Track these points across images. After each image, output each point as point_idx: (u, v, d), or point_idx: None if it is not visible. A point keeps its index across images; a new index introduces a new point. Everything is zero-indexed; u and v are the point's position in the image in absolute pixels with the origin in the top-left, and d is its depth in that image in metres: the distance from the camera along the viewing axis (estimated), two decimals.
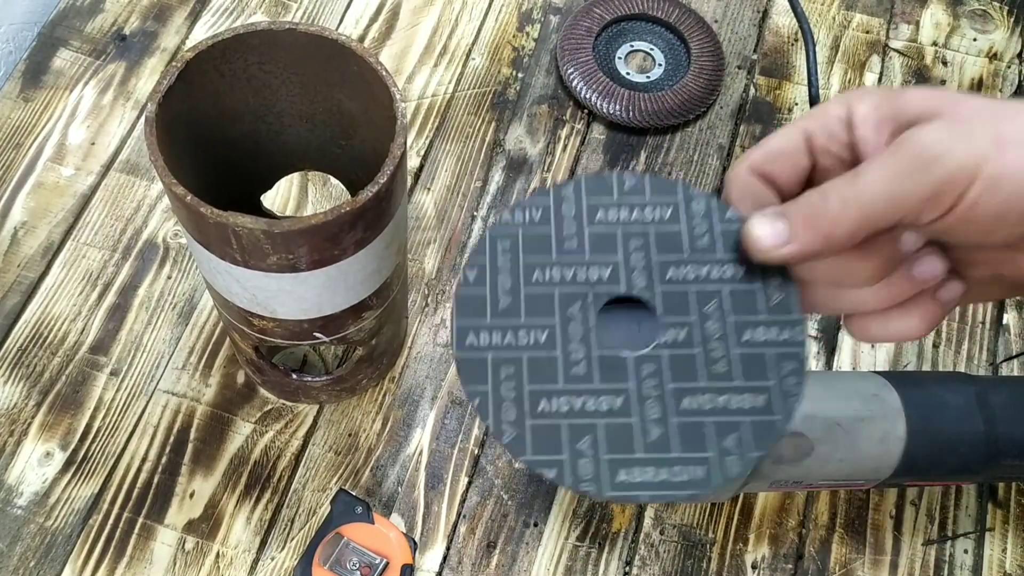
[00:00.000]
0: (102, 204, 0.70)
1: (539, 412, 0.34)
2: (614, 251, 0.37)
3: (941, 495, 0.64)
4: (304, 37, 0.48)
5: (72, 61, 0.76)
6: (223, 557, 0.60)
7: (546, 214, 0.37)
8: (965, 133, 0.31)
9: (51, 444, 0.62)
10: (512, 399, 0.34)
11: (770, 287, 0.36)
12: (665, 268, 0.37)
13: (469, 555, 0.61)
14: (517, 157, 0.75)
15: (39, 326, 0.66)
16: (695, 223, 0.37)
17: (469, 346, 0.35)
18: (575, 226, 0.37)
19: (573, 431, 0.34)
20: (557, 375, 0.35)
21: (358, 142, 0.55)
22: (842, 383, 0.55)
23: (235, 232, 0.43)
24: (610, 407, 0.35)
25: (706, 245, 0.37)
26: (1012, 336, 0.70)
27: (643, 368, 0.35)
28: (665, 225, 0.37)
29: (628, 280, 0.36)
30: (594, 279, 0.36)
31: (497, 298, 0.36)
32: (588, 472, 0.34)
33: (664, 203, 0.37)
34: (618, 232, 0.37)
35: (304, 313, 0.51)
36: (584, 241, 0.37)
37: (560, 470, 0.34)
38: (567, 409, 0.35)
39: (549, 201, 0.37)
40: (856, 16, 0.84)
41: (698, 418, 0.35)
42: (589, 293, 0.36)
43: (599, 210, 0.37)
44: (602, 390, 0.35)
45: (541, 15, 0.82)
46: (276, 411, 0.64)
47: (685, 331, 0.36)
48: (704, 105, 0.77)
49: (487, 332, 0.35)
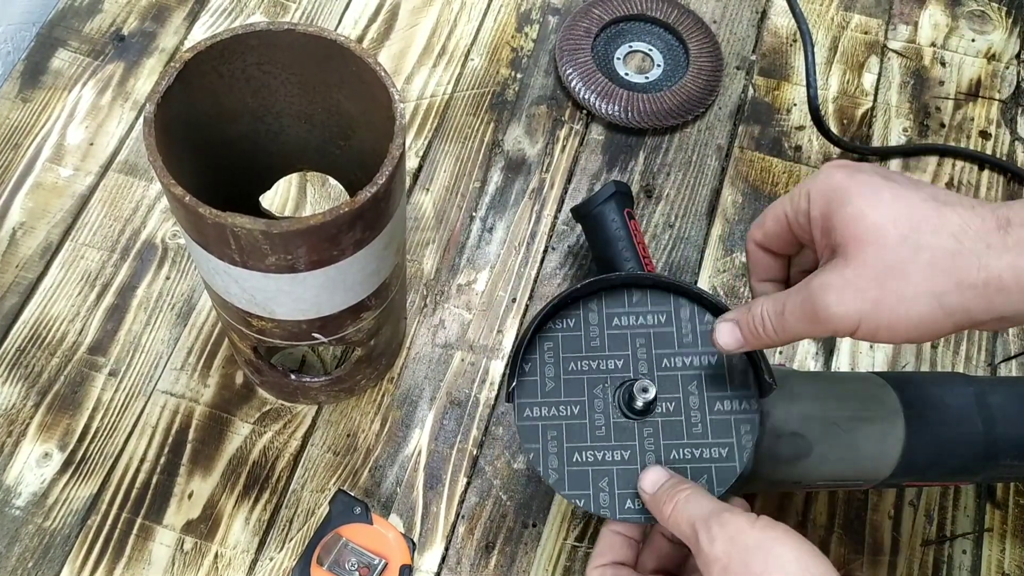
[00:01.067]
0: (101, 204, 0.70)
1: (573, 461, 0.49)
2: (626, 347, 0.51)
3: (940, 496, 0.64)
4: (303, 38, 0.48)
5: (71, 61, 0.76)
6: (222, 557, 0.59)
7: (578, 322, 0.51)
8: (853, 293, 0.40)
9: (49, 445, 0.62)
10: (555, 453, 0.49)
11: (734, 372, 0.50)
12: (661, 359, 0.50)
13: (468, 555, 0.61)
14: (516, 157, 0.75)
15: (38, 327, 0.65)
16: (682, 324, 0.51)
17: (526, 417, 0.50)
18: (598, 330, 0.51)
19: (596, 474, 0.48)
20: (586, 436, 0.49)
21: (357, 142, 0.55)
22: (841, 384, 0.55)
23: (234, 233, 0.43)
24: (621, 457, 0.49)
25: (690, 341, 0.51)
26: (1010, 337, 0.70)
27: (644, 430, 0.49)
28: (661, 327, 0.51)
29: (635, 368, 0.50)
30: (611, 368, 0.50)
31: (545, 383, 0.50)
32: (606, 502, 0.48)
33: (660, 311, 0.51)
34: (628, 333, 0.51)
35: (303, 314, 0.51)
36: (605, 340, 0.51)
37: (587, 500, 0.48)
38: (592, 459, 0.49)
39: (580, 313, 0.51)
40: (855, 17, 0.84)
41: (681, 464, 0.48)
42: (608, 378, 0.50)
43: (615, 318, 0.51)
44: (616, 446, 0.49)
45: (540, 16, 0.82)
46: (275, 411, 0.64)
47: (674, 404, 0.50)
48: (703, 106, 0.77)
49: (538, 407, 0.50)
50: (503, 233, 0.72)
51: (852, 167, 0.43)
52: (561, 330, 0.51)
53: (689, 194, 0.74)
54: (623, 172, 0.75)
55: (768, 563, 0.40)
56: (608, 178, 0.75)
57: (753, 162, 0.76)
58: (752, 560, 0.41)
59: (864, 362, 0.69)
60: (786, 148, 0.77)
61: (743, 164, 0.76)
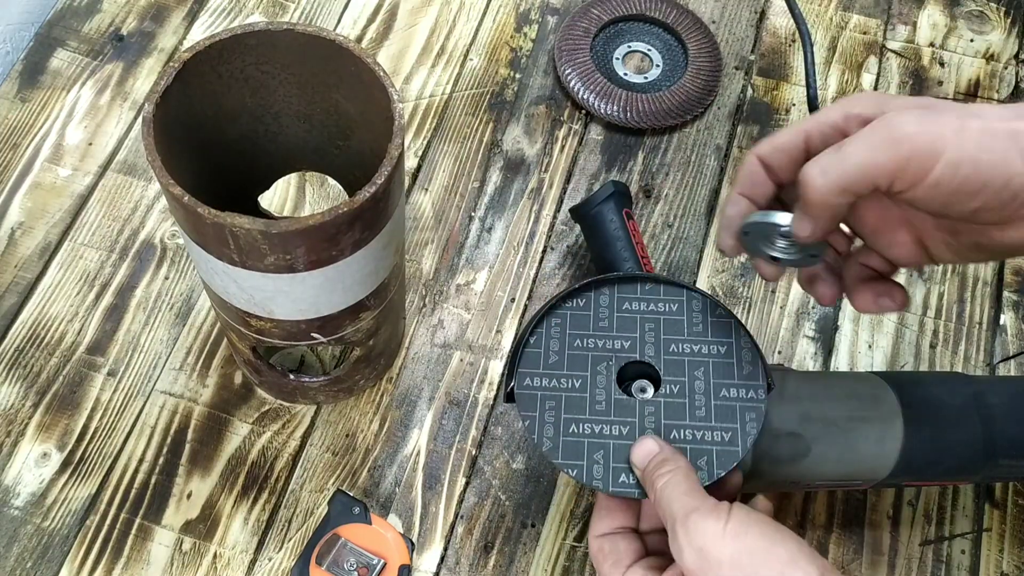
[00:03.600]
0: (99, 204, 0.70)
1: (569, 432, 0.48)
2: (634, 330, 0.51)
3: (938, 495, 0.64)
4: (302, 38, 0.48)
5: (69, 61, 0.76)
6: (220, 558, 0.59)
7: (588, 302, 0.51)
8: (934, 121, 0.37)
9: (48, 445, 0.62)
10: (551, 423, 0.48)
11: (743, 362, 0.50)
12: (669, 344, 0.50)
13: (467, 555, 0.61)
14: (515, 158, 0.75)
15: (36, 327, 0.65)
16: (694, 315, 0.51)
17: (525, 386, 0.49)
18: (608, 312, 0.51)
19: (591, 446, 0.48)
20: (585, 409, 0.49)
21: (356, 143, 0.55)
22: (839, 383, 0.56)
23: (232, 233, 0.43)
24: (619, 432, 0.48)
25: (700, 331, 0.51)
26: (1009, 336, 0.70)
27: (646, 409, 0.49)
28: (672, 315, 0.51)
29: (642, 350, 0.50)
30: (617, 347, 0.50)
31: (548, 356, 0.50)
32: (599, 474, 0.47)
33: (673, 300, 0.52)
34: (638, 317, 0.51)
35: (302, 314, 0.51)
36: (613, 322, 0.51)
37: (580, 471, 0.47)
38: (589, 431, 0.48)
39: (591, 294, 0.51)
40: (853, 17, 0.84)
41: (680, 445, 0.48)
42: (613, 357, 0.50)
43: (626, 302, 0.52)
44: (615, 421, 0.48)
45: (539, 16, 0.82)
46: (273, 412, 0.64)
47: (678, 387, 0.49)
48: (702, 106, 0.77)
49: (539, 378, 0.49)
50: (502, 233, 0.72)
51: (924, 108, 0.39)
52: (570, 308, 0.51)
53: (688, 194, 0.74)
54: (622, 172, 0.75)
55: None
56: (607, 178, 0.75)
57: None
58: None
59: (863, 362, 0.69)
60: None
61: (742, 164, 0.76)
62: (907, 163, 0.38)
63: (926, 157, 0.37)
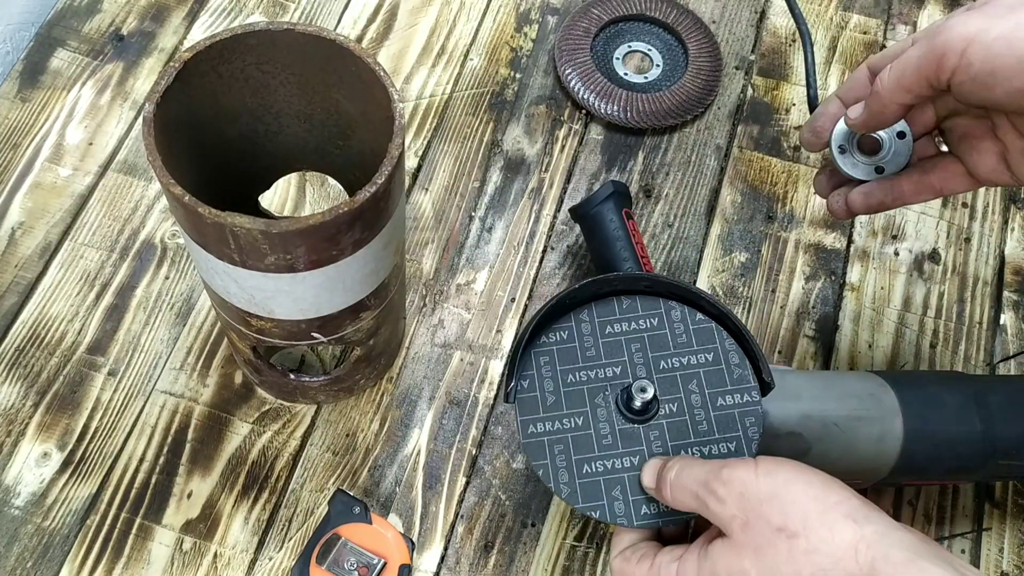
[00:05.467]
0: (100, 204, 0.70)
1: (584, 473, 0.48)
2: (622, 353, 0.51)
3: (938, 495, 0.64)
4: (302, 37, 0.48)
5: (70, 61, 0.76)
6: (221, 557, 0.59)
7: (571, 333, 0.51)
8: (973, 14, 0.42)
9: (48, 444, 0.62)
10: (564, 467, 0.48)
11: (731, 366, 0.50)
12: (658, 361, 0.51)
13: (467, 555, 0.61)
14: (515, 157, 0.75)
15: (37, 326, 0.65)
16: (675, 325, 0.51)
17: (530, 434, 0.49)
18: (592, 340, 0.51)
19: (608, 484, 0.48)
20: (593, 446, 0.49)
21: (356, 142, 0.55)
22: (839, 383, 0.56)
23: (233, 232, 0.43)
24: (631, 464, 0.48)
25: (685, 341, 0.51)
26: (1009, 336, 0.70)
27: (651, 434, 0.49)
28: (654, 331, 0.51)
29: (633, 373, 0.50)
30: (610, 375, 0.50)
31: (545, 397, 0.50)
32: (621, 510, 0.47)
33: (651, 314, 0.52)
34: (622, 340, 0.51)
35: (302, 313, 0.51)
36: (600, 349, 0.51)
37: (603, 511, 0.47)
38: (602, 469, 0.48)
39: (572, 324, 0.51)
40: (853, 17, 0.84)
41: None
42: (607, 386, 0.50)
43: (607, 325, 0.51)
44: (624, 453, 0.49)
45: (539, 16, 0.82)
46: (274, 411, 0.64)
47: (676, 404, 0.50)
48: (702, 106, 0.77)
49: (541, 423, 0.49)
50: (502, 233, 0.72)
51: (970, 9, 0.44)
52: (555, 343, 0.51)
53: (688, 194, 0.74)
54: (622, 172, 0.75)
55: (786, 511, 0.40)
56: (607, 178, 0.75)
57: (752, 162, 0.76)
58: (769, 512, 0.40)
59: (863, 362, 0.69)
60: (785, 148, 0.77)
61: (742, 164, 0.76)
62: (944, 48, 0.43)
63: (958, 40, 0.43)
